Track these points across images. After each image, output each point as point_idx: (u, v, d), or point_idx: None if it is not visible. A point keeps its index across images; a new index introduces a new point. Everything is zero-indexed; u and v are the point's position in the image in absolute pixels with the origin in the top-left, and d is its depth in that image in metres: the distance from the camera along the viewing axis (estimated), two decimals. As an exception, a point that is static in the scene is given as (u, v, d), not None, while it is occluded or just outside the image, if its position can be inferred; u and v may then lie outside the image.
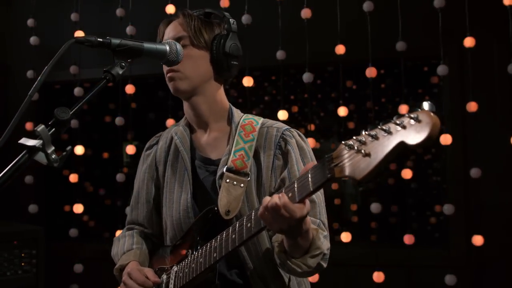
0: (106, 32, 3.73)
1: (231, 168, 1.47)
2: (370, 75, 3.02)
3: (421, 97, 4.76)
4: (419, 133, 0.83)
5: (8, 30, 3.96)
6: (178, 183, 1.58)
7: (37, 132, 1.05)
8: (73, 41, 1.20)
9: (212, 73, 1.55)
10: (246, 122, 1.56)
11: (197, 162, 1.58)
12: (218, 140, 1.57)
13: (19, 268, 2.88)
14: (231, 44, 1.53)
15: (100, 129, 4.73)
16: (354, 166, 0.93)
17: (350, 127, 4.54)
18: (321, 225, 1.44)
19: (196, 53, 1.52)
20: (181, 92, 1.54)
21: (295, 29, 3.22)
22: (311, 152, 1.54)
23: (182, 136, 1.61)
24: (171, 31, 1.55)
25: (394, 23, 3.07)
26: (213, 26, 1.55)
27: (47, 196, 4.13)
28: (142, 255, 1.62)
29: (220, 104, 1.59)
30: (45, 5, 3.74)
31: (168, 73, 1.53)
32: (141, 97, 4.76)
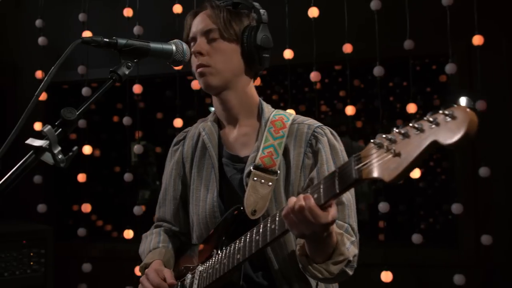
0: (113, 32, 3.75)
1: (259, 166, 1.41)
2: (378, 74, 3.00)
3: (430, 95, 4.74)
4: (454, 131, 0.76)
5: (17, 31, 3.98)
6: (204, 180, 1.54)
7: (43, 133, 1.05)
8: (79, 41, 1.20)
9: (243, 67, 1.50)
10: (277, 118, 1.50)
11: (224, 159, 1.53)
12: (247, 137, 1.52)
13: (28, 268, 2.90)
14: (262, 36, 1.47)
15: (108, 129, 4.75)
16: (383, 167, 0.88)
17: (358, 126, 4.53)
18: (349, 230, 1.38)
19: (227, 46, 1.47)
20: (212, 88, 1.49)
21: (303, 28, 3.21)
22: (343, 151, 1.47)
23: (210, 132, 1.56)
24: (199, 23, 1.49)
25: (402, 21, 3.06)
26: (242, 17, 1.50)
27: (56, 196, 4.16)
28: (168, 254, 1.57)
29: (250, 98, 1.54)
30: (53, 6, 3.76)
31: (198, 68, 1.47)
32: (149, 97, 4.78)
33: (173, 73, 3.37)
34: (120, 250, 3.81)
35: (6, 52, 3.81)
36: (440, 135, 0.78)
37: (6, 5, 3.93)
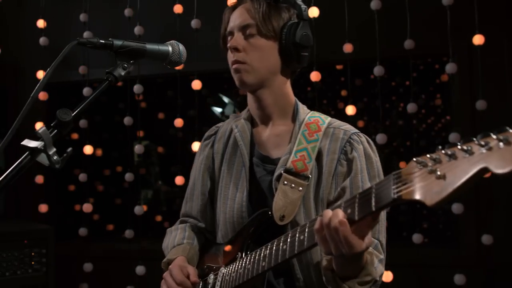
0: (114, 32, 3.79)
1: (290, 170, 1.35)
2: (379, 74, 3.00)
3: (433, 95, 4.73)
4: (508, 160, 0.69)
5: (18, 31, 3.99)
6: (234, 179, 1.49)
7: (38, 134, 1.06)
8: (75, 42, 1.21)
9: (280, 65, 1.44)
10: (312, 120, 1.44)
11: (255, 159, 1.48)
12: (280, 138, 1.46)
13: (29, 267, 2.91)
14: (302, 34, 1.39)
15: (111, 128, 4.76)
16: (425, 189, 0.81)
17: (359, 125, 4.52)
18: (378, 246, 1.32)
19: (264, 43, 1.41)
20: (247, 85, 1.44)
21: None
22: (378, 162, 1.40)
23: (243, 130, 1.51)
24: (237, 18, 1.44)
25: (402, 21, 3.05)
26: (282, 12, 1.43)
27: (58, 196, 4.17)
28: (192, 250, 1.53)
29: (286, 98, 1.48)
30: (54, 6, 3.77)
31: (234, 65, 1.42)
32: (151, 97, 4.80)
33: (173, 73, 3.38)
34: (121, 249, 3.81)
35: (8, 52, 3.82)
36: (492, 162, 0.71)
37: (8, 5, 3.94)
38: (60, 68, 1.12)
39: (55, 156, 1.09)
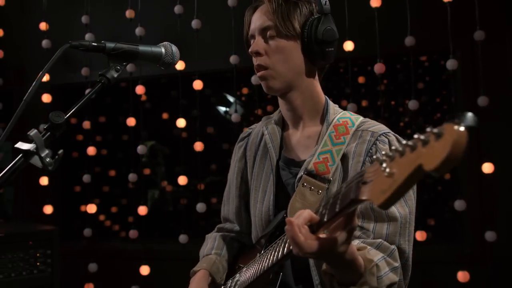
0: (116, 34, 3.80)
1: (311, 171, 1.31)
2: (379, 71, 3.00)
3: (439, 91, 4.71)
4: (436, 154, 0.64)
5: (22, 34, 4.02)
6: (264, 181, 1.47)
7: (30, 137, 1.07)
8: (67, 46, 1.22)
9: (305, 64, 1.38)
10: (341, 122, 1.37)
11: (281, 163, 1.45)
12: (310, 140, 1.42)
13: (34, 268, 2.92)
14: (324, 29, 1.33)
15: (115, 129, 4.79)
16: (375, 187, 0.76)
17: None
18: (394, 254, 1.22)
19: (286, 44, 1.36)
20: (275, 91, 1.40)
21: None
22: None
23: (273, 132, 1.48)
24: (256, 20, 1.39)
25: (402, 18, 3.04)
26: (301, 8, 1.37)
27: (64, 197, 4.20)
28: (217, 262, 1.53)
29: (315, 98, 1.43)
30: (56, 9, 3.79)
31: (258, 72, 1.39)
32: (155, 98, 4.82)
33: (175, 74, 3.39)
34: (126, 250, 3.84)
35: (12, 55, 3.85)
36: (425, 159, 0.66)
37: (11, 8, 3.98)
38: (63, 70, 1.14)
39: (48, 158, 1.10)
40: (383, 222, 1.25)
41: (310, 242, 0.95)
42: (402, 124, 4.88)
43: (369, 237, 1.25)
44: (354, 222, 0.96)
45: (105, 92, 4.02)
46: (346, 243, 0.98)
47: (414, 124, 4.30)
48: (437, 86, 4.72)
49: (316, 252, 0.95)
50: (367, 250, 1.14)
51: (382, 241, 1.23)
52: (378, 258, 1.17)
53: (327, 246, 0.96)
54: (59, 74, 3.78)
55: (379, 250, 1.21)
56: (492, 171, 2.89)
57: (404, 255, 1.26)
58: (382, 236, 1.24)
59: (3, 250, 2.80)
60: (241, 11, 1.67)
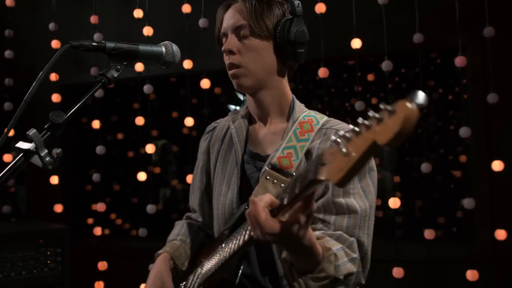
0: (124, 33, 3.82)
1: (275, 165, 1.33)
2: (387, 69, 2.98)
3: (450, 89, 4.68)
4: (389, 130, 0.68)
5: (32, 34, 4.06)
6: (227, 175, 1.49)
7: (29, 136, 1.08)
8: (68, 46, 1.24)
9: (276, 64, 1.41)
10: (306, 119, 1.40)
11: (246, 157, 1.48)
12: (275, 136, 1.44)
13: (45, 266, 2.95)
14: (296, 30, 1.36)
15: (126, 128, 4.82)
16: (333, 167, 0.79)
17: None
18: (353, 245, 1.25)
19: (258, 44, 1.38)
20: (246, 89, 1.43)
21: (311, 25, 3.20)
22: (371, 159, 1.31)
23: (239, 127, 1.51)
24: (230, 18, 1.41)
25: (410, 15, 3.02)
26: (274, 10, 1.40)
27: (75, 196, 4.24)
28: (181, 248, 1.55)
29: (283, 97, 1.46)
30: (65, 9, 3.83)
31: (230, 70, 1.41)
32: (164, 96, 4.84)
33: (183, 73, 3.40)
34: (136, 248, 3.86)
35: (23, 55, 3.89)
36: (378, 134, 0.70)
37: (22, 9, 4.02)
38: (73, 70, 1.15)
39: (48, 157, 1.11)
40: (343, 215, 1.28)
41: (270, 223, 0.97)
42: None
43: (330, 230, 1.28)
44: (312, 206, 0.98)
45: (115, 92, 4.06)
46: (305, 227, 1.01)
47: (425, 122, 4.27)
48: (450, 83, 4.68)
49: (275, 233, 0.98)
50: (326, 239, 1.18)
51: (341, 233, 1.26)
52: (336, 248, 1.19)
53: (286, 229, 0.98)
54: (68, 74, 3.81)
55: (339, 242, 1.24)
56: (502, 169, 2.86)
57: (363, 248, 1.28)
58: (342, 228, 1.27)
59: (14, 249, 2.84)
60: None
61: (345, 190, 1.29)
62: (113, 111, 4.81)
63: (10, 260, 2.80)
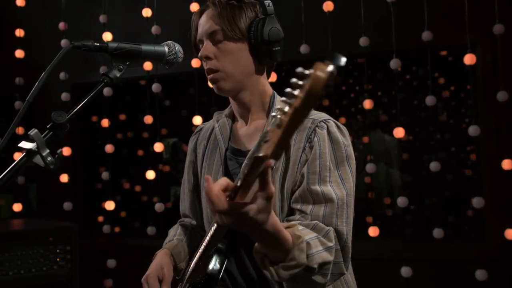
0: (133, 32, 3.83)
1: None
2: (395, 67, 2.96)
3: (463, 85, 4.64)
4: (303, 92, 0.67)
5: (42, 34, 4.09)
6: (213, 173, 1.49)
7: (30, 136, 1.09)
8: (70, 46, 1.24)
9: (253, 65, 1.42)
10: None
11: (228, 153, 1.48)
12: (256, 131, 1.46)
13: (54, 264, 2.97)
14: (270, 29, 1.38)
15: (135, 127, 4.85)
16: (270, 143, 0.76)
17: (382, 119, 4.47)
18: (330, 234, 1.24)
19: (233, 47, 1.39)
20: (226, 92, 1.43)
21: (318, 23, 3.19)
22: (348, 146, 1.34)
23: (223, 125, 1.53)
24: (204, 24, 1.42)
25: (419, 12, 3.00)
26: (247, 11, 1.41)
27: (85, 194, 4.27)
28: (179, 246, 1.56)
29: (263, 94, 1.47)
30: (75, 8, 3.85)
31: (209, 75, 1.42)
32: (174, 95, 4.86)
33: (191, 71, 3.41)
34: (145, 246, 3.88)
35: (33, 55, 3.92)
36: (299, 100, 0.69)
37: (32, 9, 4.05)
38: (82, 69, 1.17)
39: (49, 157, 1.12)
40: (320, 204, 1.27)
41: (222, 199, 0.95)
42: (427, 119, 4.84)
43: (307, 220, 1.27)
44: (268, 188, 0.95)
45: (125, 90, 4.07)
46: (265, 212, 0.97)
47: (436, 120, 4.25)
48: (462, 81, 4.65)
49: (228, 212, 0.95)
50: (296, 227, 1.14)
51: (317, 223, 1.25)
52: (310, 236, 1.18)
53: (239, 209, 0.95)
54: (78, 73, 3.84)
55: (314, 231, 1.22)
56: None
57: (342, 237, 1.27)
58: (319, 217, 1.26)
59: (24, 246, 2.86)
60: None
61: (321, 177, 1.29)
62: (123, 110, 4.84)
63: (20, 257, 2.83)
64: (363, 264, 3.20)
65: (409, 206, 3.02)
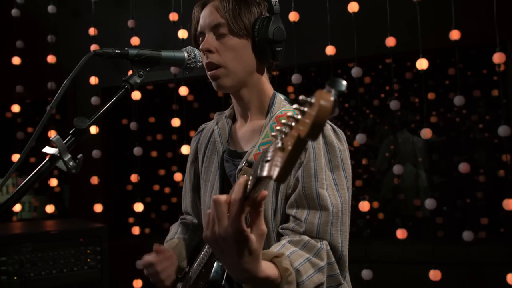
0: (160, 37, 3.88)
1: (251, 163, 1.28)
2: (421, 67, 2.92)
3: (493, 86, 4.54)
4: (307, 121, 0.65)
5: (74, 39, 4.19)
6: (212, 175, 1.48)
7: (52, 142, 1.12)
8: (92, 54, 1.27)
9: (255, 62, 1.39)
10: (283, 113, 1.35)
11: (225, 155, 1.45)
12: (254, 132, 1.42)
13: (85, 264, 3.03)
14: (274, 28, 1.34)
15: (164, 129, 4.91)
16: (272, 163, 0.75)
17: (410, 120, 4.40)
18: (321, 253, 1.19)
19: (237, 42, 1.36)
20: (225, 89, 1.40)
21: (343, 24, 3.18)
22: (344, 151, 1.30)
23: (222, 127, 1.50)
24: (207, 17, 1.38)
25: (446, 10, 2.95)
26: (252, 7, 1.37)
27: (116, 196, 4.35)
28: (180, 245, 1.55)
29: (263, 94, 1.43)
30: (104, 14, 3.93)
31: (209, 71, 1.38)
32: (203, 98, 4.90)
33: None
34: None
35: (65, 60, 4.02)
36: (301, 127, 0.67)
37: (65, 15, 4.16)
38: (112, 73, 1.20)
39: (71, 162, 1.15)
40: (315, 211, 1.24)
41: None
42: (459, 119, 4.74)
43: (302, 228, 1.23)
44: (259, 207, 0.91)
45: (155, 93, 4.11)
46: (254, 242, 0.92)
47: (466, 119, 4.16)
48: (494, 80, 4.55)
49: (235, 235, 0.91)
50: (284, 257, 1.09)
51: (309, 240, 1.20)
52: (300, 262, 1.14)
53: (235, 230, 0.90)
54: (108, 77, 3.91)
55: (305, 250, 1.19)
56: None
57: (337, 249, 1.23)
58: (313, 226, 1.22)
59: (56, 247, 2.93)
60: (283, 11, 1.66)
61: (317, 179, 1.25)
62: (153, 113, 4.91)
63: (52, 257, 2.90)
64: (391, 266, 3.18)
65: (439, 208, 2.97)
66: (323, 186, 1.25)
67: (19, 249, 2.82)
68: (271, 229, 1.29)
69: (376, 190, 4.94)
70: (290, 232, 1.25)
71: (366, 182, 5.01)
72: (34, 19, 4.17)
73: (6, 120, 4.69)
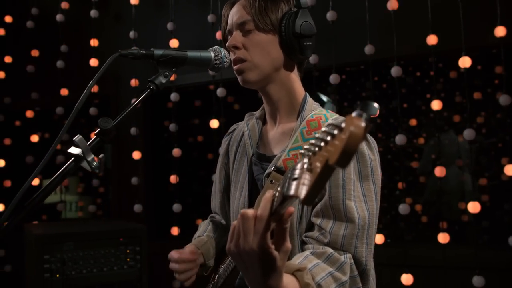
0: (199, 38, 3.91)
1: (280, 168, 1.27)
2: (464, 65, 2.82)
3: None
4: (337, 148, 0.63)
5: (117, 42, 4.28)
6: (242, 178, 1.46)
7: (75, 143, 1.13)
8: (117, 55, 1.28)
9: (283, 58, 1.37)
10: (314, 117, 1.32)
11: (254, 158, 1.44)
12: (284, 135, 1.39)
13: (125, 263, 3.09)
14: (302, 23, 1.33)
15: (205, 131, 4.95)
16: (299, 182, 0.72)
17: (455, 120, 4.27)
18: (344, 267, 1.16)
19: (263, 38, 1.35)
20: (251, 83, 1.38)
21: (383, 22, 3.11)
22: (375, 161, 1.25)
23: (252, 128, 1.49)
24: (234, 15, 1.39)
25: (490, 6, 2.84)
26: (279, 3, 1.37)
27: (156, 196, 4.41)
28: (208, 243, 1.55)
29: (293, 93, 1.41)
30: (145, 17, 3.99)
31: (235, 65, 1.38)
32: (243, 99, 4.91)
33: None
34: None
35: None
36: (330, 153, 0.65)
37: (107, 20, 4.26)
38: (152, 75, 1.21)
39: (94, 162, 1.16)
40: (341, 222, 1.20)
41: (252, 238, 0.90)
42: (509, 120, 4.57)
43: (326, 238, 1.19)
44: (284, 223, 0.89)
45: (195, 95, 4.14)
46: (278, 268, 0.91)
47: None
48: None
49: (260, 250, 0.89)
50: (305, 272, 1.07)
51: (333, 253, 1.17)
52: (322, 276, 1.12)
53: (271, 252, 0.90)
54: (147, 79, 3.97)
55: (328, 263, 1.16)
56: None
57: (361, 262, 1.20)
58: (338, 237, 1.19)
59: (97, 246, 3.00)
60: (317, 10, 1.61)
61: (345, 191, 1.21)
62: (195, 114, 4.95)
63: (93, 256, 2.96)
64: (433, 271, 3.08)
65: (484, 211, 2.85)
66: (350, 197, 1.21)
67: (61, 248, 2.90)
68: (296, 236, 1.26)
69: (419, 193, 4.82)
70: (314, 242, 1.22)
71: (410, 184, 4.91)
72: (77, 24, 4.28)
73: (52, 122, 4.83)
